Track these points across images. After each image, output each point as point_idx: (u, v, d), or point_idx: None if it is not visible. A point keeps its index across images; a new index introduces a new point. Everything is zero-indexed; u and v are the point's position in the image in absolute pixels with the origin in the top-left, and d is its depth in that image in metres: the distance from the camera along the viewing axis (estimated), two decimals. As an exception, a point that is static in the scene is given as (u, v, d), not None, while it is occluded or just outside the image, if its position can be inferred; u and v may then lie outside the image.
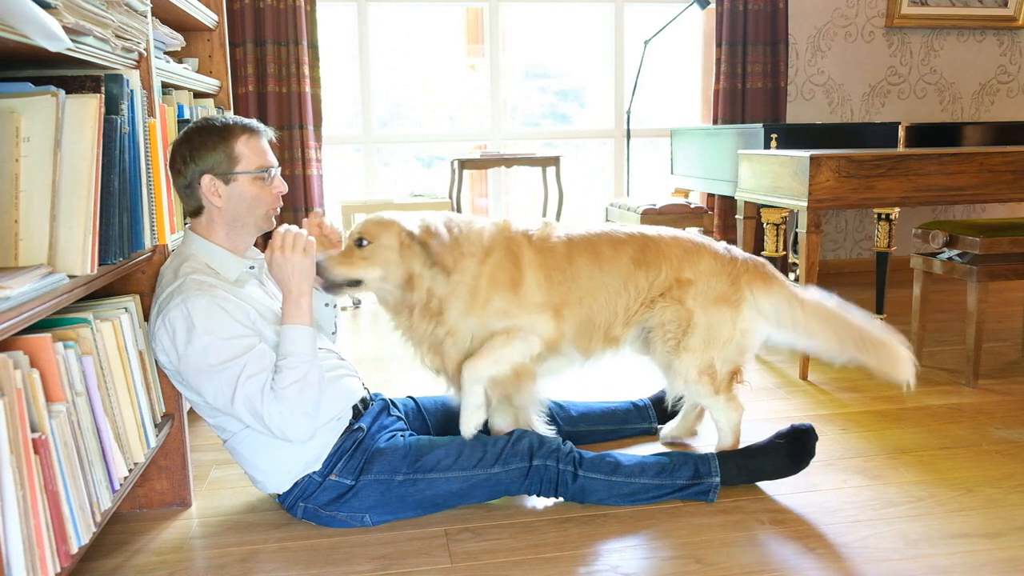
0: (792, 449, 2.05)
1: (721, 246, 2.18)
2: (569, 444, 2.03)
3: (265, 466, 1.91)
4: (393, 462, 1.92)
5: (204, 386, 1.79)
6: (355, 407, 2.00)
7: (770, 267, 2.19)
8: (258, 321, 1.85)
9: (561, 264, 2.03)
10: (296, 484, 1.91)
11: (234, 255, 1.92)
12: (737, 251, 2.18)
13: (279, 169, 1.96)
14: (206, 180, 1.87)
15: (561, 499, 2.02)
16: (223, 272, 1.89)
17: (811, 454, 2.06)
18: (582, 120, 5.37)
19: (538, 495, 2.00)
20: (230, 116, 1.93)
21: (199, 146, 1.86)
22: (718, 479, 2.02)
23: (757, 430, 2.31)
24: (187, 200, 1.92)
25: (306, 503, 1.92)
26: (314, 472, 1.91)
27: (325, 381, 1.88)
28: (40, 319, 1.38)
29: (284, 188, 1.97)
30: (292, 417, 1.77)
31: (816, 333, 2.11)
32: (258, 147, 1.91)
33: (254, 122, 1.94)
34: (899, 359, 2.06)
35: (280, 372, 1.79)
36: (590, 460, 2.00)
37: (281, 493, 1.94)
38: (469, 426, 1.99)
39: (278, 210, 1.98)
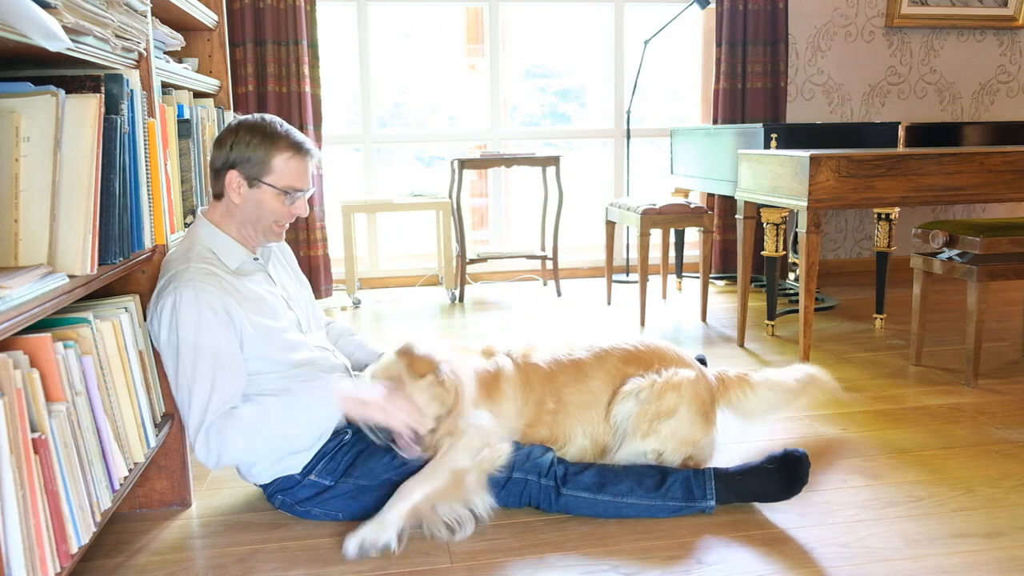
0: (783, 476, 1.95)
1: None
2: (551, 456, 1.98)
3: (251, 459, 1.93)
4: (376, 468, 1.92)
5: (169, 365, 1.82)
6: None
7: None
8: (240, 321, 1.85)
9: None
10: (277, 478, 1.95)
11: (240, 245, 1.95)
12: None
13: (308, 193, 1.98)
14: (233, 174, 1.89)
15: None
16: (225, 260, 1.92)
17: (803, 481, 1.94)
18: (582, 120, 5.37)
19: (517, 507, 1.98)
20: (288, 128, 1.94)
21: (242, 141, 1.88)
22: (713, 503, 1.93)
23: (758, 430, 2.31)
24: (213, 182, 1.95)
25: (284, 496, 1.96)
26: (294, 472, 1.94)
27: (262, 452, 1.88)
28: (40, 319, 1.38)
29: (304, 212, 1.99)
30: (210, 434, 1.77)
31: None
32: (297, 168, 1.92)
33: (306, 143, 1.94)
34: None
35: (264, 401, 1.83)
36: (574, 476, 1.94)
37: (262, 484, 1.99)
38: (351, 544, 1.78)
39: (287, 226, 1.99)
